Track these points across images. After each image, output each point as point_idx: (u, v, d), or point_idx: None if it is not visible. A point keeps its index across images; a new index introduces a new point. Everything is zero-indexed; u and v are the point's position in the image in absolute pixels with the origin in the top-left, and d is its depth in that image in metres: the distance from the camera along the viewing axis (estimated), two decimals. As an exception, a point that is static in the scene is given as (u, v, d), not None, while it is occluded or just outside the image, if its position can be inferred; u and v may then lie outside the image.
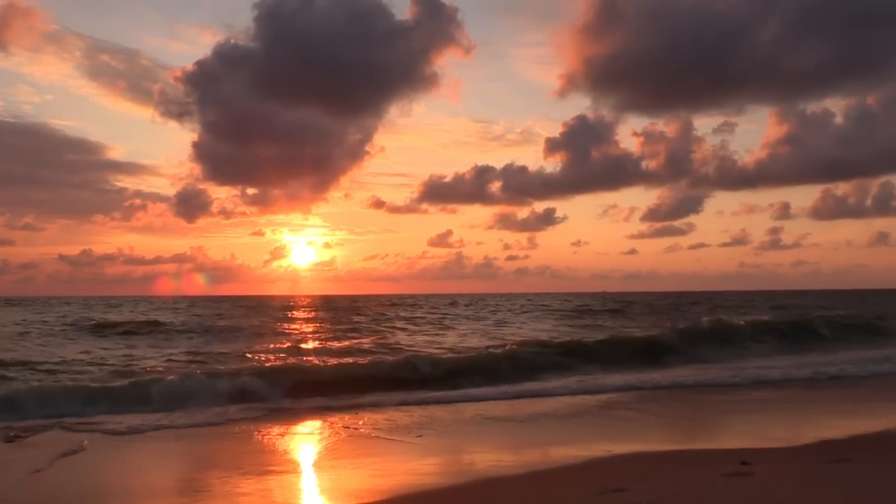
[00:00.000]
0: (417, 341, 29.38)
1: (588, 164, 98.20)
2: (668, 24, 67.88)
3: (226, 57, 69.44)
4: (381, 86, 74.51)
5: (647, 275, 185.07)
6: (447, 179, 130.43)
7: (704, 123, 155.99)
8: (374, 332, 35.77)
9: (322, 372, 18.61)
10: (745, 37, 66.47)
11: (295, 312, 63.10)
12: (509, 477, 8.99)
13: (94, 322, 40.92)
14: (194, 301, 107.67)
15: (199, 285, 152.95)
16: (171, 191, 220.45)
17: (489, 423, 13.48)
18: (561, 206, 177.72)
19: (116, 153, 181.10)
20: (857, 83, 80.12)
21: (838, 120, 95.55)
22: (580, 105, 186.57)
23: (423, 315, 52.95)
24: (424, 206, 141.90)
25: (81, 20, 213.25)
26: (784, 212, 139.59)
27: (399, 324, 42.28)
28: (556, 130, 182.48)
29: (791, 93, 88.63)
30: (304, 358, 22.67)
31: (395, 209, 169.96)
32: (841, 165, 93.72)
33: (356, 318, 48.49)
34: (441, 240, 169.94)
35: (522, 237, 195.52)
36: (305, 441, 12.08)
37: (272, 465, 9.89)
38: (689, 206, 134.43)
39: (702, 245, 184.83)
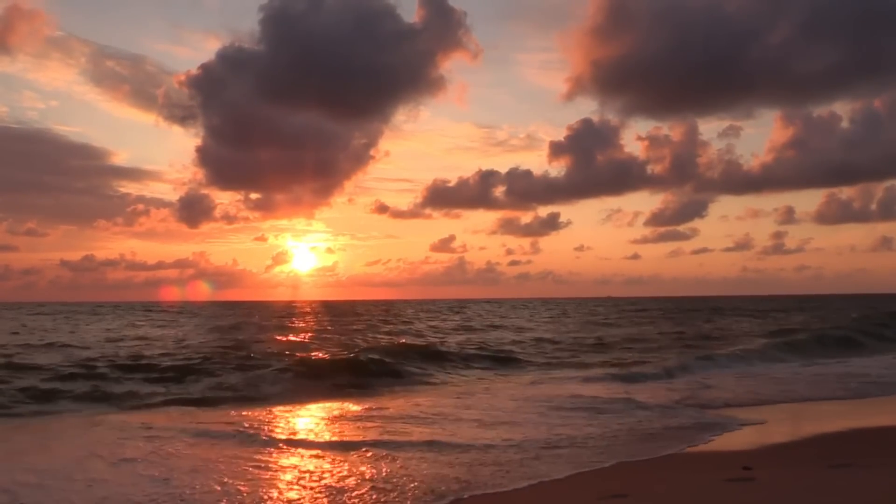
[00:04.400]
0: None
1: (592, 168, 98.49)
2: (677, 28, 67.90)
3: (230, 60, 69.69)
4: (387, 89, 74.82)
5: (649, 280, 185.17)
6: (451, 184, 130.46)
7: (712, 127, 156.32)
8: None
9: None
10: (753, 40, 66.56)
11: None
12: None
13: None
14: (202, 307, 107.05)
15: (200, 291, 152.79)
16: (173, 196, 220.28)
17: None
18: (565, 211, 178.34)
19: (120, 159, 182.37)
20: (865, 86, 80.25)
21: (844, 124, 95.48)
22: (585, 110, 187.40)
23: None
24: (428, 210, 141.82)
25: (86, 26, 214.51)
26: (788, 216, 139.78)
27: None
28: (560, 135, 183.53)
29: (800, 96, 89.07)
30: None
31: (399, 214, 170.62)
32: (846, 169, 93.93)
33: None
34: (443, 245, 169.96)
35: (525, 242, 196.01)
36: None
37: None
38: (694, 210, 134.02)
39: (705, 250, 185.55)
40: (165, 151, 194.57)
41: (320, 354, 23.89)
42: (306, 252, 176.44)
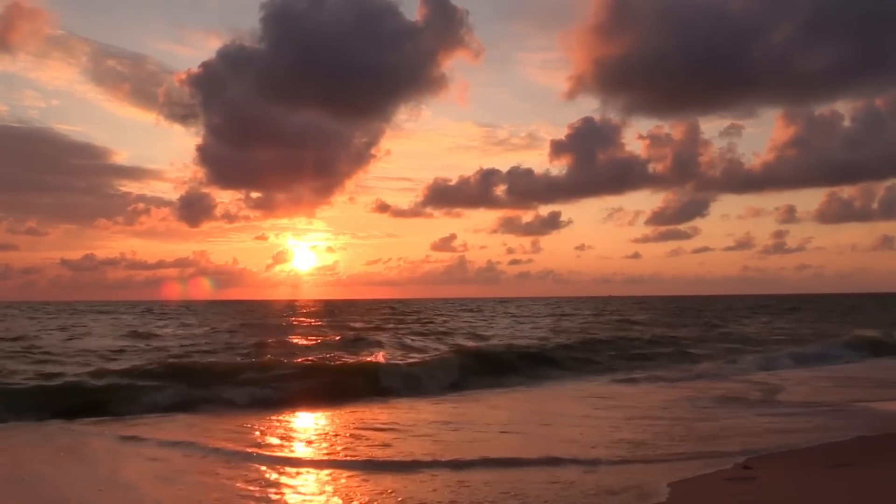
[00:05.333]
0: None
1: (594, 167, 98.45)
2: (679, 26, 67.72)
3: (231, 59, 69.42)
4: (388, 88, 74.68)
5: (650, 279, 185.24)
6: (452, 183, 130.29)
7: (713, 126, 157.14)
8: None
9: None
10: (755, 39, 66.43)
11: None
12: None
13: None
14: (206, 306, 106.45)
15: (201, 290, 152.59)
16: (174, 195, 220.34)
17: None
18: (566, 210, 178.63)
19: (121, 158, 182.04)
20: (867, 85, 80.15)
21: (846, 123, 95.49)
22: (586, 109, 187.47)
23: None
24: (429, 209, 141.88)
25: (87, 25, 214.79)
26: (789, 215, 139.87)
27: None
28: (561, 134, 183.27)
29: (802, 95, 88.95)
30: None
31: (400, 213, 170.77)
32: (848, 168, 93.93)
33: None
34: (444, 244, 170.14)
35: (526, 241, 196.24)
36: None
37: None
38: (695, 209, 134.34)
39: (706, 249, 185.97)
40: (166, 150, 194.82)
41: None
42: (307, 251, 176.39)
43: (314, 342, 28.63)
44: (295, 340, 29.54)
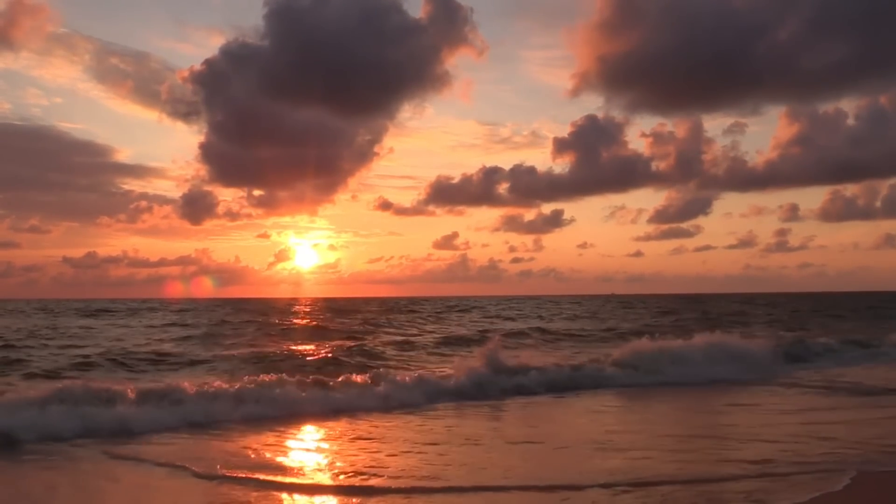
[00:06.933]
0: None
1: (597, 165, 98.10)
2: (683, 23, 67.51)
3: (234, 56, 69.05)
4: (392, 86, 74.32)
5: (651, 277, 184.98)
6: (454, 181, 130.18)
7: (717, 124, 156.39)
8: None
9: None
10: (760, 36, 66.21)
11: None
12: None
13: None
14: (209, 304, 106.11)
15: (203, 288, 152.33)
16: (176, 193, 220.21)
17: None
18: (568, 208, 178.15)
19: (123, 155, 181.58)
20: (872, 82, 79.76)
21: (850, 121, 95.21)
22: (589, 107, 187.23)
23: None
24: (431, 207, 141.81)
25: (90, 23, 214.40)
26: (792, 213, 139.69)
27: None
28: (563, 133, 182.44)
29: (806, 93, 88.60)
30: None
31: (402, 211, 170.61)
32: (851, 167, 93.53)
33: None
34: (446, 242, 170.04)
35: (528, 239, 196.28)
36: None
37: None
38: (698, 207, 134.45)
39: (708, 247, 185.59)
40: (168, 148, 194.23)
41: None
42: (309, 249, 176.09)
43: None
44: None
